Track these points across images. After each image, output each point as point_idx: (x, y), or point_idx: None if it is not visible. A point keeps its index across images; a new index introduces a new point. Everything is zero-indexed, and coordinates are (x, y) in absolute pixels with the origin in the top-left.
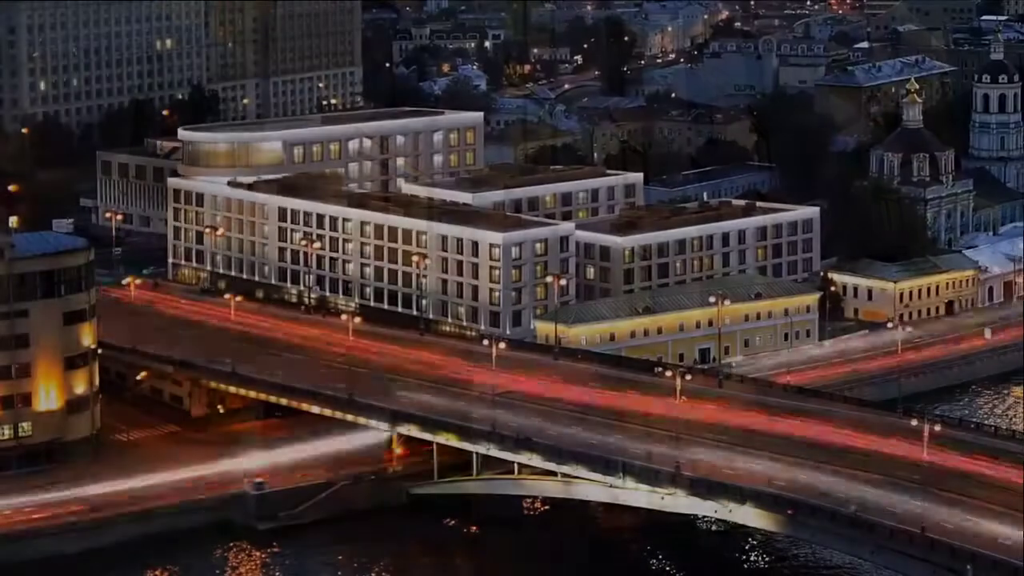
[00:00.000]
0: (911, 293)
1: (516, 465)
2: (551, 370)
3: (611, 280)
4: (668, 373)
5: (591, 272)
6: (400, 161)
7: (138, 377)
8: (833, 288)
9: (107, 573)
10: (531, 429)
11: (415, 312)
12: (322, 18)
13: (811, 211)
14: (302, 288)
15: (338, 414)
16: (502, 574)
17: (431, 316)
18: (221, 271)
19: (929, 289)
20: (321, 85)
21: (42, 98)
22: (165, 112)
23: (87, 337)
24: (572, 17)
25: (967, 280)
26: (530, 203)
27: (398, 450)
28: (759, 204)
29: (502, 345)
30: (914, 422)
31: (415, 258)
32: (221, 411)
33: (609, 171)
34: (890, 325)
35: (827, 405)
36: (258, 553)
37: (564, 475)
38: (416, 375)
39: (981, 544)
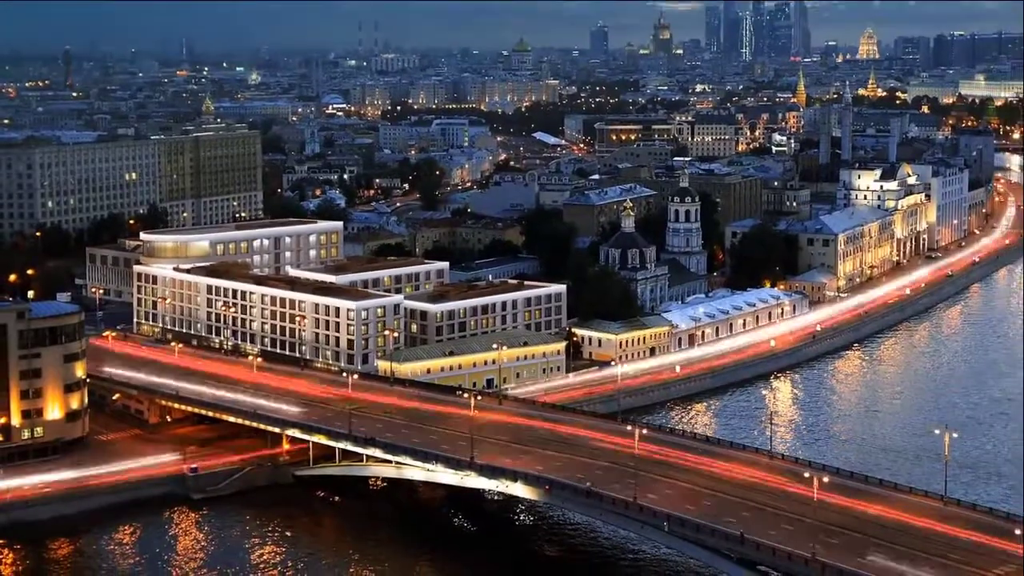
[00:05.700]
0: (627, 341)
1: (365, 456)
2: (388, 392)
3: (428, 333)
4: (465, 395)
5: (415, 327)
6: (288, 254)
7: (113, 397)
8: (575, 338)
9: (93, 527)
10: (375, 432)
11: (297, 354)
12: (235, 159)
13: (560, 287)
14: (222, 338)
15: (246, 422)
16: (355, 526)
17: (308, 357)
18: (168, 327)
19: (639, 339)
20: (235, 204)
21: (49, 212)
22: (131, 221)
23: (80, 371)
24: (402, 158)
25: (664, 333)
26: (374, 282)
27: (286, 445)
28: (526, 283)
29: (355, 376)
30: (629, 427)
31: (298, 319)
32: (169, 420)
33: (426, 260)
34: (613, 363)
35: (571, 416)
36: (193, 515)
37: (397, 463)
38: (297, 396)
39: (673, 508)
